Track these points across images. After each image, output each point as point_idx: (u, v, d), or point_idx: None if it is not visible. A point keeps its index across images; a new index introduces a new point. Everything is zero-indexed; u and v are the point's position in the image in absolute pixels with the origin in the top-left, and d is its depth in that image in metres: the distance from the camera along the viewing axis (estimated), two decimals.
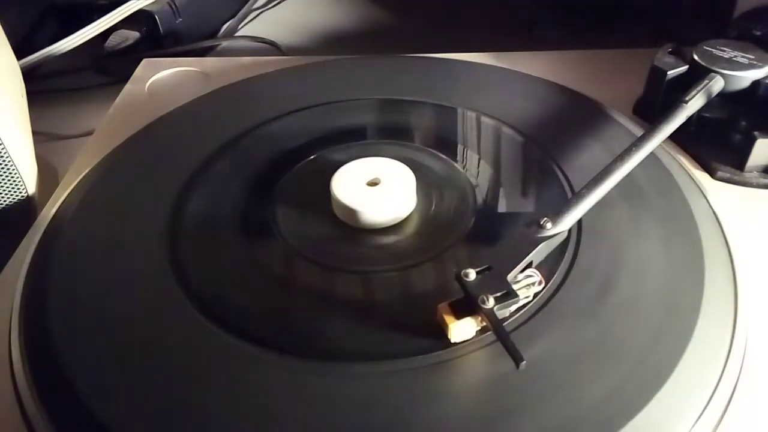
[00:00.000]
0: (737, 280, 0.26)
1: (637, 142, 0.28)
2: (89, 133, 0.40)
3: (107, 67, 0.51)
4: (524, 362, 0.21)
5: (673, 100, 0.32)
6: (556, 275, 0.26)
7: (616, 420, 0.21)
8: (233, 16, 0.59)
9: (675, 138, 0.33)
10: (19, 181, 0.34)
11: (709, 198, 0.30)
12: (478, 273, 0.23)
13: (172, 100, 0.39)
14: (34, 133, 0.37)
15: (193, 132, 0.36)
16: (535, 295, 0.24)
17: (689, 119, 0.31)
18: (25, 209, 0.34)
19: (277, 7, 0.64)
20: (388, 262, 0.28)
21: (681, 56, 0.35)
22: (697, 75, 0.33)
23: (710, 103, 0.33)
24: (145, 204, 0.31)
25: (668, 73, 0.34)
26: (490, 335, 0.23)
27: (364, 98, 0.38)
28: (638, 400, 0.21)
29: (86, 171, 0.34)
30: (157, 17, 0.51)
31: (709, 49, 0.34)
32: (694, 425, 0.21)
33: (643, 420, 0.21)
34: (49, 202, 0.32)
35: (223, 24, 0.58)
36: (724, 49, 0.34)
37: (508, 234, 0.25)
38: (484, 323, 0.23)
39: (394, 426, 0.21)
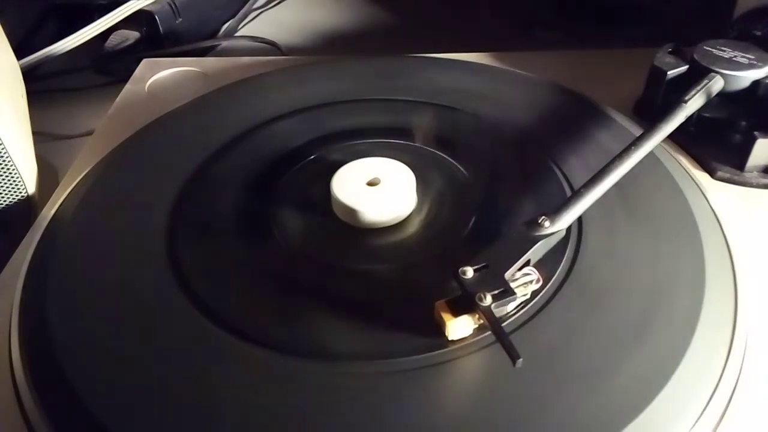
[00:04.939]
0: (737, 280, 0.26)
1: (637, 142, 0.28)
2: (89, 133, 0.40)
3: (107, 67, 0.51)
4: (521, 360, 0.21)
5: (673, 100, 0.32)
6: (556, 275, 0.26)
7: (616, 420, 0.21)
8: (233, 16, 0.59)
9: (675, 138, 0.33)
10: (19, 181, 0.34)
11: (709, 198, 0.30)
12: (475, 271, 0.23)
13: (172, 100, 0.39)
14: (34, 133, 0.37)
15: (193, 132, 0.36)
16: (533, 293, 0.24)
17: (689, 119, 0.31)
18: (25, 209, 0.34)
19: (277, 7, 0.64)
20: (387, 262, 0.28)
21: (681, 56, 0.35)
22: (697, 75, 0.33)
23: (710, 103, 0.33)
24: (145, 204, 0.31)
25: (668, 73, 0.34)
26: (488, 335, 0.23)
27: (365, 98, 0.38)
28: (639, 401, 0.21)
29: (86, 171, 0.34)
30: (157, 17, 0.51)
31: (709, 49, 0.34)
32: (694, 425, 0.21)
33: (643, 420, 0.21)
34: (49, 202, 0.32)
35: (223, 24, 0.58)
36: (724, 49, 0.34)
37: (506, 232, 0.25)
38: (482, 321, 0.23)
39: (393, 425, 0.21)
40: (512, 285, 0.23)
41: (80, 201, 0.31)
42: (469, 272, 0.23)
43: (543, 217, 0.25)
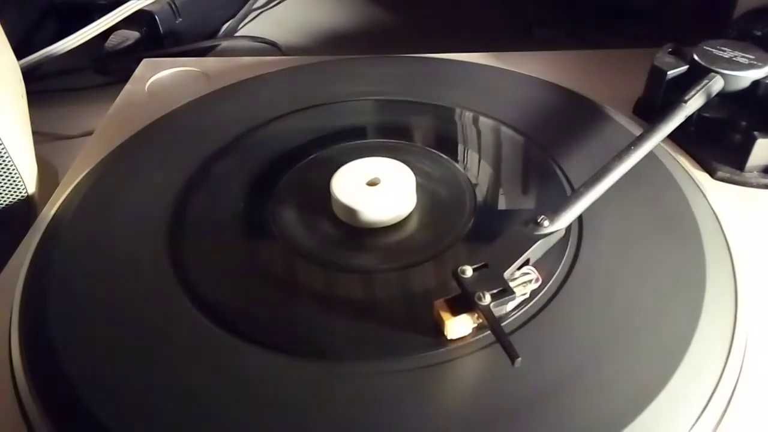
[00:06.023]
0: (737, 280, 0.26)
1: (636, 141, 0.28)
2: (89, 133, 0.40)
3: (107, 67, 0.51)
4: (519, 359, 0.21)
5: (673, 100, 0.32)
6: (556, 275, 0.26)
7: (616, 421, 0.21)
8: (233, 16, 0.59)
9: (675, 138, 0.33)
10: (19, 181, 0.34)
11: (709, 198, 0.30)
12: (475, 270, 0.23)
13: (172, 100, 0.39)
14: (34, 133, 0.37)
15: (193, 132, 0.36)
16: (533, 292, 0.24)
17: (689, 119, 0.31)
18: (25, 209, 0.34)
19: (277, 7, 0.64)
20: (387, 262, 0.28)
21: (681, 56, 0.35)
22: (697, 75, 0.33)
23: (710, 103, 0.33)
24: (145, 204, 0.31)
25: (668, 73, 0.34)
26: (487, 334, 0.23)
27: (364, 98, 0.38)
28: (639, 401, 0.21)
29: (86, 171, 0.34)
30: (157, 17, 0.51)
31: (709, 49, 0.34)
32: (694, 425, 0.21)
33: (643, 420, 0.21)
34: (49, 202, 0.32)
35: (223, 24, 0.58)
36: (724, 49, 0.34)
37: (506, 232, 0.25)
38: (481, 320, 0.23)
39: (393, 425, 0.21)
40: (511, 284, 0.23)
41: (80, 201, 0.31)
42: (469, 271, 0.23)
43: (542, 216, 0.25)
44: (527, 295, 0.24)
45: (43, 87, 0.49)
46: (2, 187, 0.33)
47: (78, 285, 0.27)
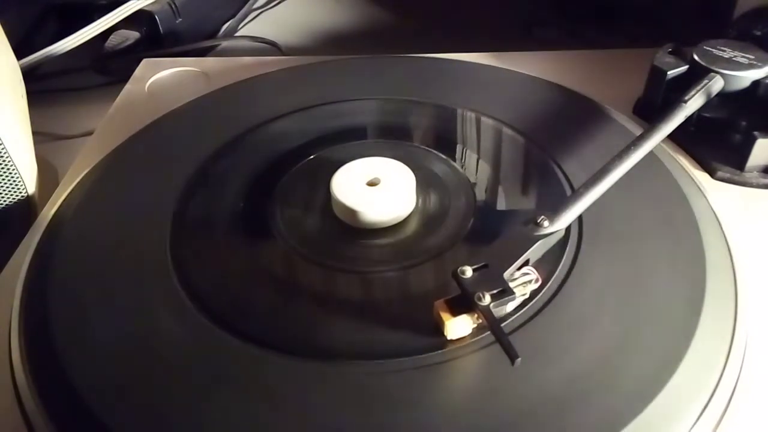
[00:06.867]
0: (737, 280, 0.26)
1: (636, 141, 0.28)
2: (89, 133, 0.40)
3: (107, 67, 0.51)
4: (519, 359, 0.21)
5: (673, 100, 0.32)
6: (556, 275, 0.26)
7: (616, 420, 0.21)
8: (233, 16, 0.59)
9: (675, 138, 0.33)
10: (19, 181, 0.34)
11: (709, 198, 0.30)
12: (474, 270, 0.23)
13: (172, 100, 0.39)
14: (34, 133, 0.37)
15: (193, 132, 0.36)
16: (532, 293, 0.24)
17: (689, 119, 0.31)
18: (25, 209, 0.34)
19: (277, 7, 0.64)
20: (388, 262, 0.28)
21: (681, 56, 0.35)
22: (696, 75, 0.33)
23: (710, 103, 0.33)
24: (145, 204, 0.31)
25: (668, 73, 0.34)
26: (487, 335, 0.23)
27: (364, 98, 0.38)
28: (638, 401, 0.21)
29: (86, 171, 0.34)
30: (157, 17, 0.51)
31: (709, 49, 0.34)
32: (694, 425, 0.21)
33: (643, 420, 0.21)
34: (49, 202, 0.32)
35: (223, 24, 0.58)
36: (724, 49, 0.34)
37: (506, 232, 0.25)
38: (480, 320, 0.23)
39: (392, 425, 0.21)
40: (511, 285, 0.23)
41: (80, 201, 0.31)
42: (468, 272, 0.23)
43: (542, 216, 0.25)
44: (527, 296, 0.24)
45: (43, 87, 0.49)
46: (2, 187, 0.33)
47: (78, 285, 0.27)
